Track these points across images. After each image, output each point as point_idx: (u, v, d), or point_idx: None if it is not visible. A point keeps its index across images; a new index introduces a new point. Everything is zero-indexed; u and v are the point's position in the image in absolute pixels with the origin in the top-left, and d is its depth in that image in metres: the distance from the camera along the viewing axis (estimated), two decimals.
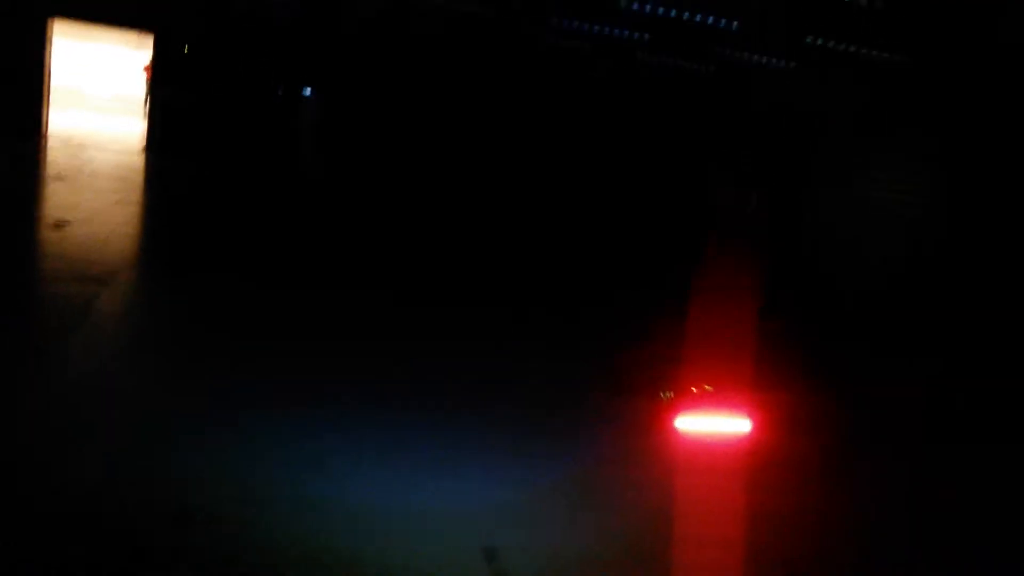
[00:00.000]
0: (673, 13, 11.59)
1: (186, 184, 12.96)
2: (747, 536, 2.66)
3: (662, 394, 3.04)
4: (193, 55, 14.47)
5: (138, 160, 14.00)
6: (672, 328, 4.74)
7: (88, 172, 12.47)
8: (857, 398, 4.38)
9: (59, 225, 8.22)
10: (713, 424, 2.77)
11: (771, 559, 2.67)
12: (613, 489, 2.98)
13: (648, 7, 11.67)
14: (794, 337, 5.56)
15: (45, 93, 14.68)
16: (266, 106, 14.51)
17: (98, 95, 25.26)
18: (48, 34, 14.42)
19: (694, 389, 2.90)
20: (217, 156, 14.16)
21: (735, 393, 2.92)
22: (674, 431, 2.78)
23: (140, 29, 14.86)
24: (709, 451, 2.88)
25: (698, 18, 11.59)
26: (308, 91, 14.19)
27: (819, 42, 11.39)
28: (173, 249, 8.75)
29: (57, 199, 10.08)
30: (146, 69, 17.73)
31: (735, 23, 11.58)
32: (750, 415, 2.82)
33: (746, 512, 2.78)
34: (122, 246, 8.17)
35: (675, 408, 2.80)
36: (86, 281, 6.53)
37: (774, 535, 2.77)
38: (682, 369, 3.16)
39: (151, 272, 7.75)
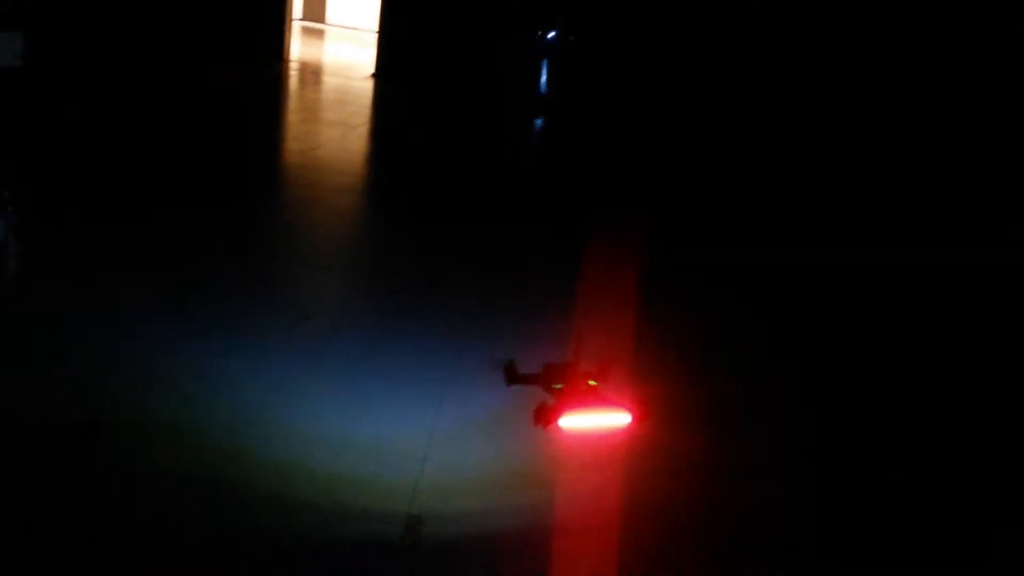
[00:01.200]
0: None
1: (403, 106, 13.39)
2: (622, 523, 2.75)
3: (555, 385, 2.96)
4: None
5: (365, 85, 14.66)
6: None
7: (318, 92, 13.32)
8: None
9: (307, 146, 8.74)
10: (593, 420, 2.82)
11: (643, 544, 2.73)
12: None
13: None
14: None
15: (287, 24, 15.73)
16: (492, 40, 14.51)
17: (335, 26, 26.93)
18: None
19: (587, 382, 2.95)
20: (440, 85, 14.50)
21: (615, 386, 3.04)
22: (559, 429, 2.82)
23: None
24: (592, 445, 2.98)
25: None
26: (552, 34, 13.77)
27: None
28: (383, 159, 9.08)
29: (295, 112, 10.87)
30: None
31: None
32: (630, 408, 2.85)
33: (622, 500, 2.88)
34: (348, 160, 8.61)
35: (560, 406, 2.81)
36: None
37: (646, 521, 2.83)
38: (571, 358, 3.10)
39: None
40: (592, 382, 2.94)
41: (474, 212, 7.41)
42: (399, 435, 3.30)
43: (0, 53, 8.17)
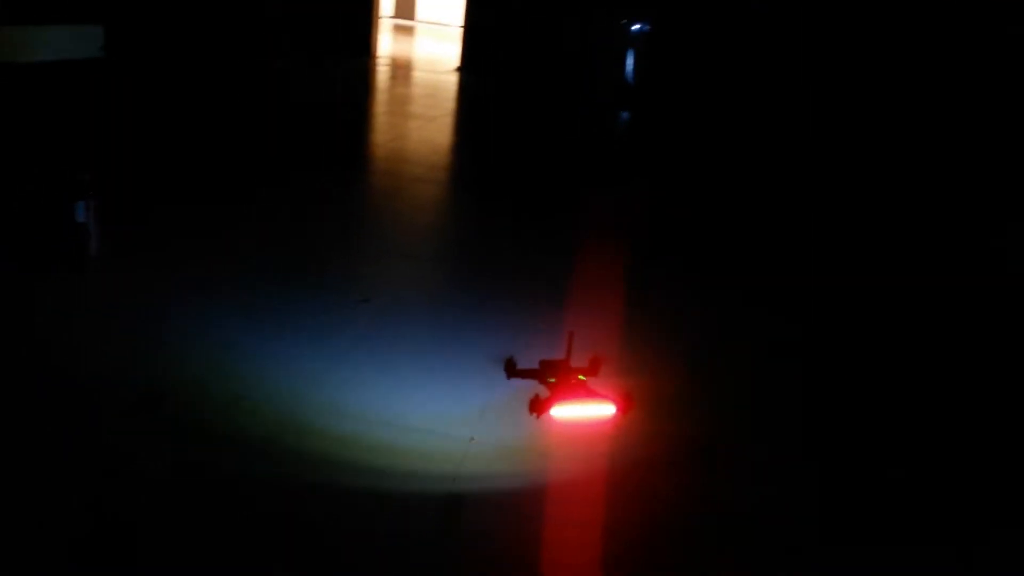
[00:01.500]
0: None
1: (484, 99, 13.40)
2: (606, 510, 2.87)
3: (550, 379, 3.26)
4: None
5: (449, 78, 14.74)
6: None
7: (401, 86, 13.48)
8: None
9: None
10: (582, 411, 3.10)
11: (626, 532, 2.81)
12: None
13: None
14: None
15: (375, 20, 15.98)
16: (576, 31, 14.37)
17: (425, 23, 27.26)
18: None
19: (578, 376, 3.23)
20: (524, 77, 14.47)
21: (602, 380, 3.28)
22: (551, 418, 3.10)
23: None
24: (580, 434, 3.15)
25: None
26: (638, 25, 13.51)
27: None
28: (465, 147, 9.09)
29: (375, 104, 11.02)
30: None
31: None
32: (614, 400, 3.12)
33: (607, 488, 2.99)
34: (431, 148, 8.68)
35: (552, 398, 3.11)
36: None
37: (627, 509, 2.92)
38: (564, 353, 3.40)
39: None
40: (582, 377, 3.21)
41: (546, 202, 7.32)
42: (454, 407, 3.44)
43: (83, 45, 8.55)
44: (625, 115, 13.04)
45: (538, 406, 3.11)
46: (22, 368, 3.46)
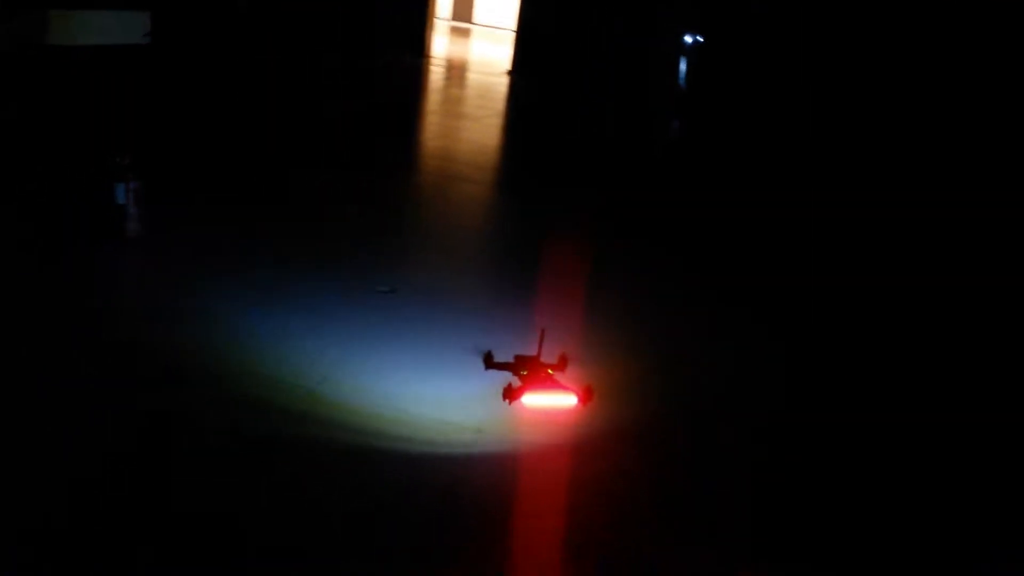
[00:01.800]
0: None
1: (532, 101, 13.27)
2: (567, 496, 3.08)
3: (522, 371, 3.62)
4: None
5: (500, 80, 14.64)
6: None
7: (452, 87, 13.43)
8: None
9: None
10: (549, 400, 3.46)
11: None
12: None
13: None
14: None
15: (429, 22, 15.97)
16: (628, 38, 14.17)
17: (481, 25, 27.30)
18: None
19: (548, 370, 3.61)
20: (575, 80, 14.32)
21: (566, 373, 3.66)
22: (522, 405, 3.44)
23: None
24: (547, 421, 3.46)
25: None
26: (691, 37, 13.26)
27: None
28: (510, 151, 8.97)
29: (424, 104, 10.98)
30: None
31: None
32: (576, 392, 3.48)
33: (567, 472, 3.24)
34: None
35: (525, 385, 3.47)
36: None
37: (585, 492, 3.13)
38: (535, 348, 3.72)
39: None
40: (550, 371, 3.60)
41: (580, 206, 7.12)
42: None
43: (128, 30, 8.63)
44: (676, 123, 12.79)
45: (511, 394, 3.45)
46: (64, 333, 3.67)
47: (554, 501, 3.03)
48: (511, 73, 15.31)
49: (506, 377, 3.61)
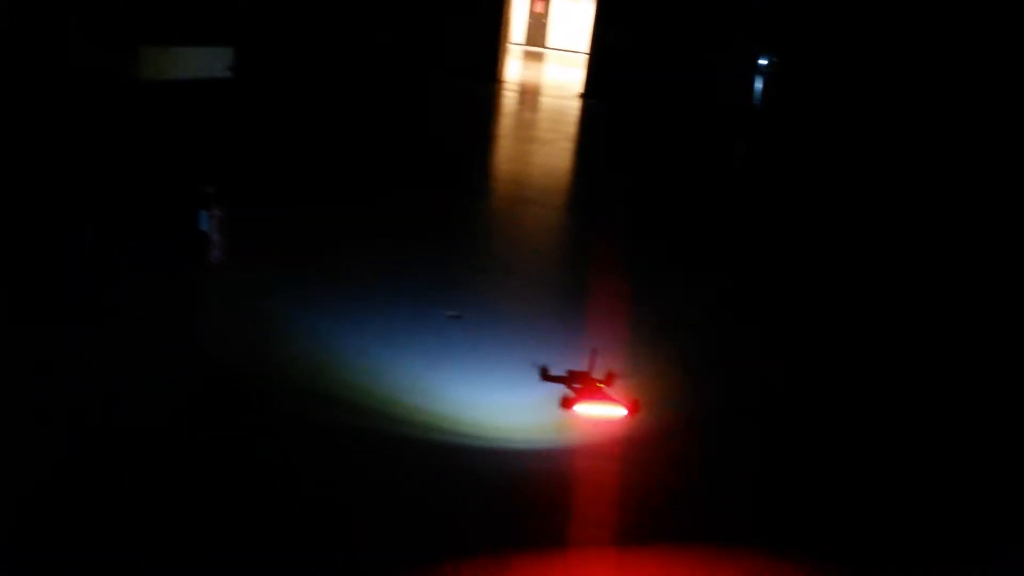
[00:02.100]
0: None
1: (602, 124, 13.30)
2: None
3: (575, 384, 3.91)
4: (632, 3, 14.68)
5: (570, 104, 14.73)
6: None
7: (522, 110, 13.58)
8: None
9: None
10: (601, 411, 3.79)
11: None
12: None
13: None
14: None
15: (502, 46, 16.22)
16: (700, 59, 14.07)
17: (556, 50, 27.48)
18: None
19: (598, 384, 3.89)
20: (645, 103, 14.32)
21: (616, 385, 3.95)
22: (575, 414, 3.79)
23: None
24: (598, 430, 3.78)
25: None
26: (766, 59, 13.12)
27: None
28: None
29: (493, 127, 11.17)
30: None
31: None
32: (626, 404, 3.79)
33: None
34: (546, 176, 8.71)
35: (580, 396, 3.80)
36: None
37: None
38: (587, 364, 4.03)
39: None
40: (601, 384, 3.89)
41: (645, 228, 7.13)
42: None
43: (210, 65, 9.04)
44: (749, 145, 12.64)
45: (566, 403, 3.80)
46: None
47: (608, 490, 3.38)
48: (583, 96, 15.42)
49: (559, 389, 3.95)
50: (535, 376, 4.04)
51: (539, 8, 28.25)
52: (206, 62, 8.82)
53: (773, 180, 10.31)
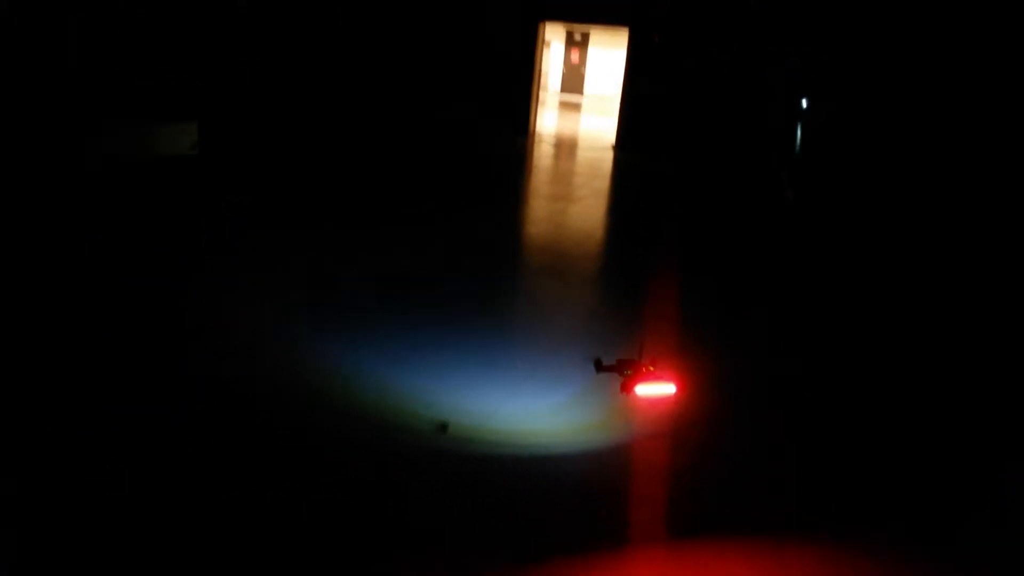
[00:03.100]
0: None
1: (635, 179, 12.72)
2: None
3: (626, 371, 4.25)
4: (665, 50, 14.22)
5: (603, 156, 14.21)
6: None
7: (552, 163, 13.08)
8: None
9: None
10: (655, 389, 4.18)
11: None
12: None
13: None
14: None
15: (533, 97, 15.82)
16: (743, 108, 13.52)
17: (593, 97, 27.13)
18: (539, 38, 15.43)
19: (646, 368, 4.21)
20: (681, 154, 13.78)
21: (665, 365, 4.28)
22: (635, 394, 4.18)
23: (617, 24, 15.13)
24: (654, 407, 4.29)
25: None
26: (805, 102, 12.56)
27: None
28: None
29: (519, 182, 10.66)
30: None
31: None
32: (675, 381, 4.20)
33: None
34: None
35: (634, 379, 4.17)
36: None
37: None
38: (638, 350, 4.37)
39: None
40: (650, 367, 4.21)
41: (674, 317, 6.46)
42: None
43: (176, 143, 8.83)
44: (791, 195, 11.95)
45: (626, 386, 4.19)
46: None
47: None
48: (616, 148, 14.90)
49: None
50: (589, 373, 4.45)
51: (575, 59, 28.04)
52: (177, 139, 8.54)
53: (826, 230, 9.59)
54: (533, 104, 15.84)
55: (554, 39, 27.44)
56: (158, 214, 7.29)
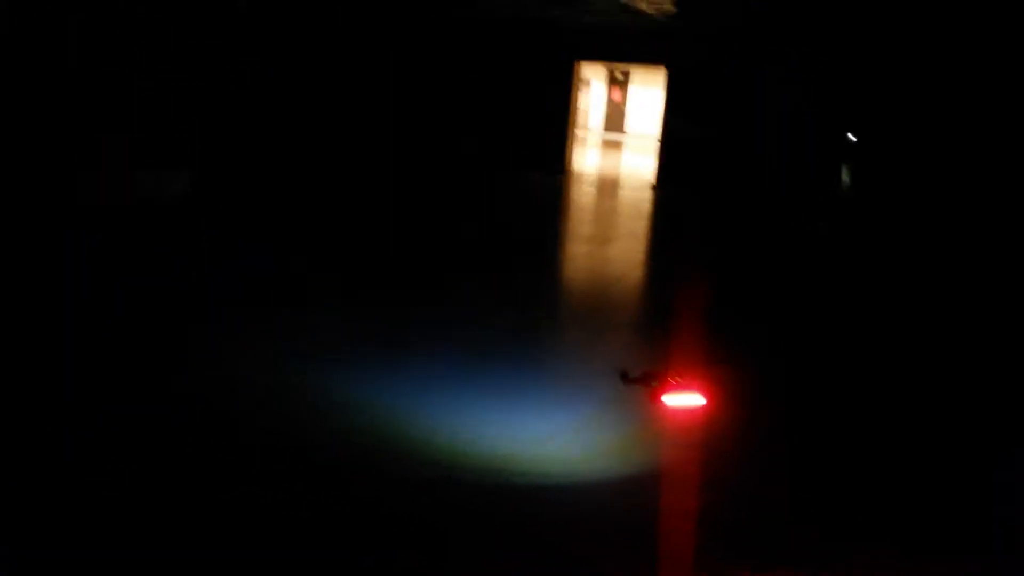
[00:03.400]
0: None
1: (673, 221, 12.30)
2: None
3: (653, 383, 4.45)
4: (703, 89, 13.88)
5: (642, 196, 13.83)
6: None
7: (587, 203, 12.74)
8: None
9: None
10: (683, 400, 4.34)
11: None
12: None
13: None
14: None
15: (569, 135, 15.55)
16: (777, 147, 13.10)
17: (635, 135, 26.83)
18: (574, 78, 15.22)
19: (673, 379, 4.39)
20: (724, 194, 13.35)
21: (693, 377, 4.45)
22: (663, 405, 4.33)
23: (654, 64, 14.86)
24: (682, 417, 4.36)
25: None
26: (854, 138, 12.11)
27: None
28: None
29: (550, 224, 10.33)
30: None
31: None
32: (703, 392, 4.34)
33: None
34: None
35: (661, 390, 4.34)
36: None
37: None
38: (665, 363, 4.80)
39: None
40: (677, 379, 4.35)
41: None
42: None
43: (167, 188, 8.68)
44: (824, 227, 11.44)
45: (654, 397, 4.31)
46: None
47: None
48: (655, 188, 14.51)
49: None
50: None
51: (617, 97, 27.82)
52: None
53: (862, 263, 9.05)
54: (569, 143, 15.57)
55: (595, 78, 27.28)
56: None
